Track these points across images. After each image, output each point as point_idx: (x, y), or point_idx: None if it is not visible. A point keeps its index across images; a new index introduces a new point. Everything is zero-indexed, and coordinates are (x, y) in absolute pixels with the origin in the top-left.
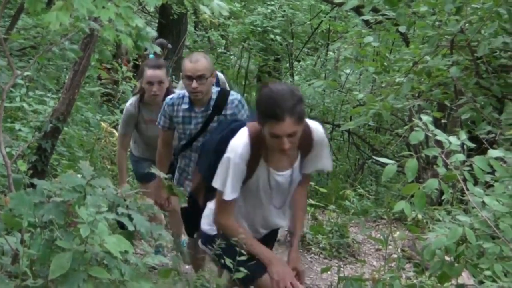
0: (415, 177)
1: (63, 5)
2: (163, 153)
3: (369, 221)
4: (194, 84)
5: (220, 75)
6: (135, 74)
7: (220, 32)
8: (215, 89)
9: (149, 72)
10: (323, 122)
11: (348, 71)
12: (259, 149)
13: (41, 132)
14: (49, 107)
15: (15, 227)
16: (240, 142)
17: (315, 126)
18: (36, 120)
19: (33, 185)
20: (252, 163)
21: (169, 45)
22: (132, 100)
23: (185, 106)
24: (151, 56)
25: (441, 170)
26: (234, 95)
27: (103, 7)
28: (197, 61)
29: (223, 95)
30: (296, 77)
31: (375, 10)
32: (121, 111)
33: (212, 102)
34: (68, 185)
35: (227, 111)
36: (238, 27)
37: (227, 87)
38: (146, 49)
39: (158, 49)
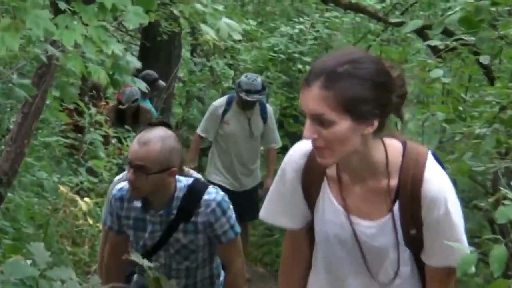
0: (503, 270)
1: (12, 24)
2: (111, 267)
3: None
4: (130, 175)
5: (269, 108)
6: (119, 121)
7: (228, 59)
8: (183, 183)
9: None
10: None
11: (406, 116)
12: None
13: None
14: None
15: None
16: (301, 144)
17: (434, 174)
18: None
19: None
20: (310, 183)
21: (161, 82)
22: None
23: (137, 204)
24: (133, 93)
25: None
26: (213, 194)
27: (67, 27)
28: (144, 144)
29: (194, 193)
30: None
31: (446, 33)
32: (87, 170)
33: (176, 203)
34: (14, 276)
35: (198, 217)
36: (253, 53)
37: (274, 130)
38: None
39: (143, 85)
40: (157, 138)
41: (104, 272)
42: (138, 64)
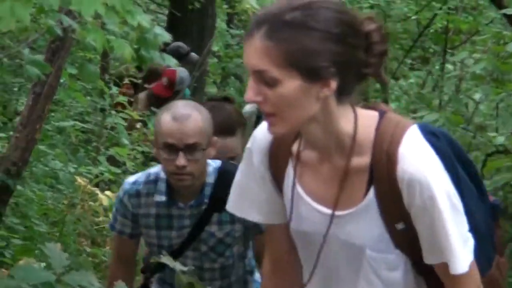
0: None
1: None
2: (117, 271)
3: None
4: (181, 160)
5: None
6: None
7: None
8: (212, 166)
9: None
10: None
11: (478, 97)
12: (288, 139)
13: None
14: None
15: None
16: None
17: (412, 149)
18: None
19: None
20: (278, 167)
21: (193, 55)
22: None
23: (160, 197)
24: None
25: None
26: None
27: None
28: (186, 118)
29: (227, 176)
30: (392, 105)
31: None
32: (108, 159)
33: (207, 190)
34: (26, 282)
35: None
36: None
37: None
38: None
39: (173, 62)
40: (192, 108)
41: (109, 277)
42: (167, 38)
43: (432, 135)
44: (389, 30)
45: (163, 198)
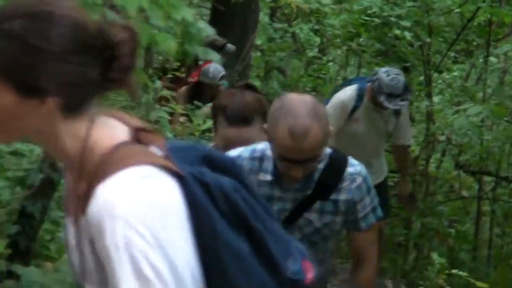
0: None
1: None
2: None
3: None
4: (298, 172)
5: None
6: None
7: (313, 24)
8: (325, 151)
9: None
10: (481, 172)
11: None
12: None
13: (26, 188)
14: (39, 146)
15: None
16: None
17: (111, 189)
18: (17, 168)
19: (12, 274)
20: None
21: (230, 46)
22: None
23: (266, 176)
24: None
25: None
26: (357, 167)
27: None
28: (304, 136)
29: (337, 164)
30: (435, 98)
31: None
32: None
33: (315, 175)
34: (71, 275)
35: (340, 194)
36: (342, 17)
37: (408, 126)
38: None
39: (216, 56)
40: (312, 116)
41: None
42: (211, 32)
43: (202, 187)
44: (432, 24)
45: (268, 177)
